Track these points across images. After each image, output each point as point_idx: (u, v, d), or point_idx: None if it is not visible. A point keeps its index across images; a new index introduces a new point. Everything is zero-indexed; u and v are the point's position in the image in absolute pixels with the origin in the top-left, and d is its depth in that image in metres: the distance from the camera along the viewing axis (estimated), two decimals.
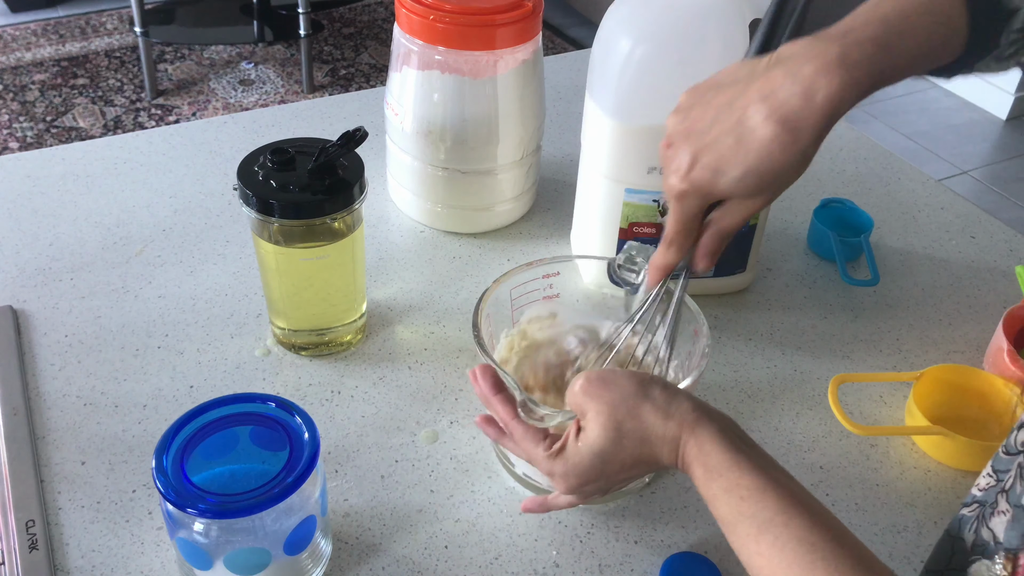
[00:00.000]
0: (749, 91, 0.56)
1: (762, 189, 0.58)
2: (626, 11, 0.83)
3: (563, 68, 1.36)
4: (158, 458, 0.60)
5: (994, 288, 1.01)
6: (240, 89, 2.89)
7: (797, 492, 0.53)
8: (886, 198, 1.14)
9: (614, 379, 0.60)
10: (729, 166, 0.57)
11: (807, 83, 0.53)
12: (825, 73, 0.53)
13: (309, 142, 0.79)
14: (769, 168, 0.56)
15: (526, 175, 1.03)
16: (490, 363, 0.66)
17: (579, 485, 0.61)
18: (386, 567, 0.69)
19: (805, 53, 0.55)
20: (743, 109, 0.56)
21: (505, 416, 0.64)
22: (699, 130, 0.58)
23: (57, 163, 1.08)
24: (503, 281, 0.76)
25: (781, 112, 0.54)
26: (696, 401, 0.59)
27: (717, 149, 0.57)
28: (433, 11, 0.90)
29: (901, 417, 0.84)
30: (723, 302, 0.96)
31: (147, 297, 0.91)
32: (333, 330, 0.85)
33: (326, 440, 0.78)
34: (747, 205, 0.60)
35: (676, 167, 0.59)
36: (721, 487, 0.54)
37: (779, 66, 0.55)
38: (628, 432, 0.58)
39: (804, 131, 0.54)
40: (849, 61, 0.53)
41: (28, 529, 0.68)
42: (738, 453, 0.55)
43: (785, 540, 0.50)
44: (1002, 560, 0.49)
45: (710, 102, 0.59)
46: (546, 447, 0.61)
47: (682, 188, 0.59)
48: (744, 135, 0.56)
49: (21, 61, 2.95)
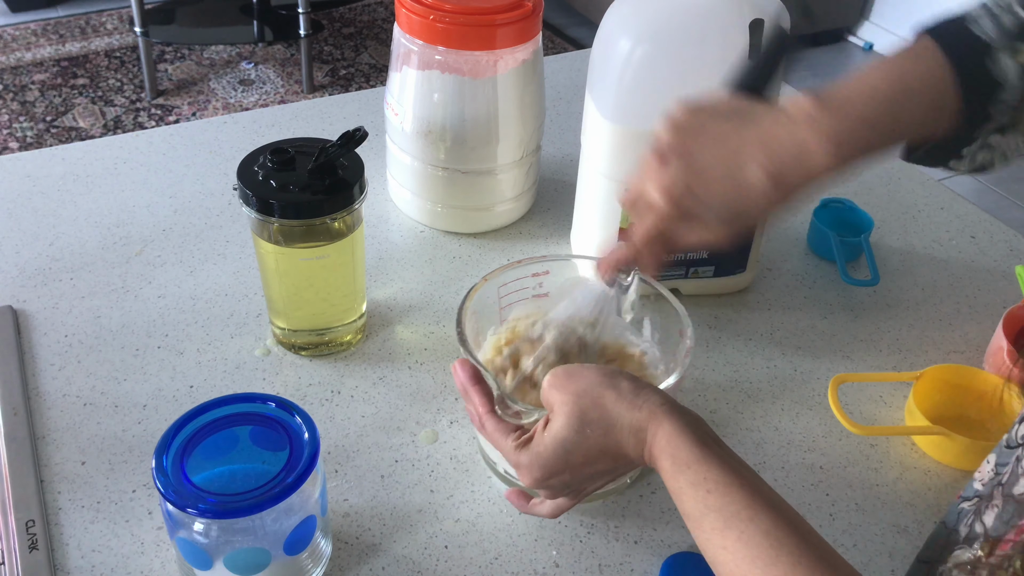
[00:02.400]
0: (748, 133, 0.59)
1: (730, 223, 0.61)
2: (626, 11, 0.83)
3: (563, 68, 1.36)
4: (158, 458, 0.60)
5: (994, 288, 1.01)
6: (240, 89, 2.89)
7: (763, 490, 0.53)
8: (886, 198, 1.14)
9: (580, 371, 0.61)
10: (715, 200, 0.60)
11: (802, 147, 0.57)
12: (818, 143, 0.56)
13: (309, 142, 0.79)
14: (746, 210, 0.60)
15: (526, 175, 1.03)
16: (468, 358, 0.66)
17: (543, 478, 0.60)
18: (386, 567, 0.69)
19: (805, 116, 0.57)
20: (740, 151, 0.58)
21: (480, 409, 0.64)
22: (693, 154, 0.60)
23: (57, 163, 1.08)
24: (491, 278, 0.76)
25: (774, 166, 0.57)
26: (665, 395, 0.59)
27: (709, 182, 0.59)
28: (433, 11, 0.90)
29: (901, 417, 0.84)
30: (723, 302, 0.96)
31: (147, 297, 0.91)
32: (333, 330, 0.85)
33: (326, 440, 0.78)
34: (710, 232, 0.62)
35: (666, 186, 0.60)
36: (688, 480, 0.54)
37: (782, 119, 0.58)
38: (592, 421, 0.58)
39: (788, 188, 0.58)
40: (842, 138, 0.56)
41: (28, 529, 0.68)
42: (706, 448, 0.55)
43: (751, 535, 0.50)
44: (980, 542, 0.50)
45: (708, 129, 0.60)
46: (514, 439, 0.62)
47: (664, 209, 0.61)
48: (737, 177, 0.58)
49: (21, 61, 2.95)
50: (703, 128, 0.60)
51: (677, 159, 0.60)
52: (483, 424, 0.64)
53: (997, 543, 0.48)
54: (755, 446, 0.81)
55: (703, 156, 0.59)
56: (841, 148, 0.56)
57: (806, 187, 0.58)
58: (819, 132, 0.56)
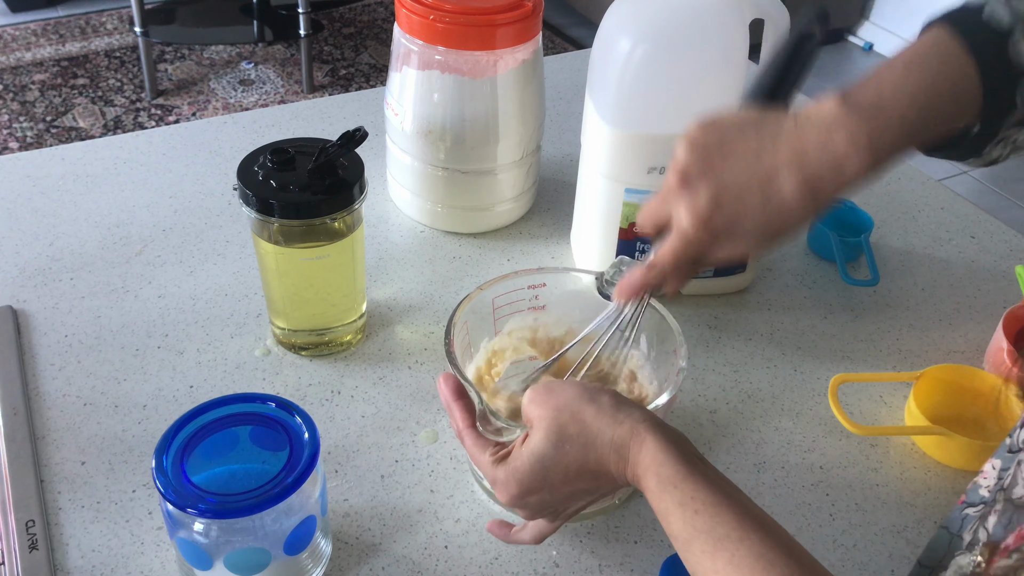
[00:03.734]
0: (779, 147, 0.56)
1: (764, 243, 0.58)
2: (626, 11, 0.83)
3: (563, 68, 1.36)
4: (158, 458, 0.60)
5: (994, 288, 1.01)
6: (240, 89, 2.89)
7: (752, 509, 0.52)
8: (886, 198, 1.14)
9: (560, 387, 0.59)
10: (749, 219, 0.57)
11: (839, 157, 0.54)
12: (856, 151, 0.54)
13: (309, 142, 0.79)
14: (782, 226, 0.57)
15: (526, 175, 1.03)
16: (453, 372, 0.65)
17: (520, 494, 0.59)
18: (386, 567, 0.69)
19: (836, 122, 0.55)
20: (773, 167, 0.55)
21: (461, 423, 0.63)
22: (721, 173, 0.57)
23: (57, 163, 1.08)
24: (485, 288, 0.74)
25: (812, 180, 0.55)
26: (647, 411, 0.57)
27: (742, 202, 0.56)
28: (433, 11, 0.90)
29: (901, 417, 0.84)
30: (723, 302, 0.96)
31: (147, 297, 0.91)
32: (333, 330, 0.85)
33: (326, 440, 0.78)
34: (738, 249, 0.59)
35: (695, 208, 0.57)
36: (675, 500, 0.52)
37: (810, 128, 0.55)
38: (570, 436, 0.56)
39: (825, 198, 0.56)
40: (874, 143, 0.54)
41: (28, 529, 0.68)
42: (691, 465, 0.53)
43: (742, 557, 0.49)
44: (980, 548, 0.49)
45: (733, 147, 0.57)
46: (491, 453, 0.61)
47: (698, 233, 0.58)
48: (772, 195, 0.55)
49: (21, 61, 2.95)
50: (727, 144, 0.57)
51: (703, 180, 0.57)
52: (463, 439, 0.63)
53: (996, 547, 0.48)
54: (755, 446, 0.81)
55: (732, 174, 0.56)
56: (875, 152, 0.54)
57: (840, 193, 0.56)
58: (852, 138, 0.54)
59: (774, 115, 0.58)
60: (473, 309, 0.74)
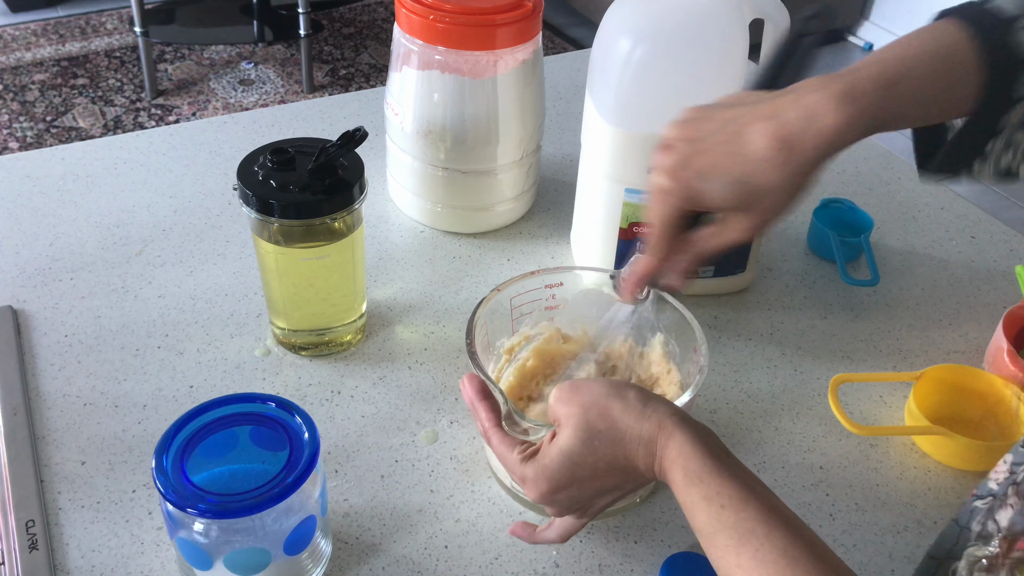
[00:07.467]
0: (754, 111, 0.57)
1: (744, 203, 0.58)
2: (626, 11, 0.83)
3: (563, 68, 1.36)
4: (158, 458, 0.60)
5: (994, 288, 1.01)
6: (240, 89, 2.89)
7: (778, 505, 0.52)
8: (886, 198, 1.14)
9: (587, 384, 0.60)
10: (717, 172, 0.57)
11: (811, 109, 0.55)
12: (829, 102, 0.54)
13: (309, 142, 0.79)
14: (756, 183, 0.56)
15: (526, 175, 1.03)
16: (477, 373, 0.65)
17: (550, 492, 0.59)
18: (386, 567, 0.69)
19: (812, 84, 0.56)
20: (745, 125, 0.57)
21: (487, 422, 0.63)
22: (697, 138, 0.59)
23: (57, 163, 1.08)
24: (503, 289, 0.75)
25: (781, 132, 0.55)
26: (674, 406, 0.58)
27: (710, 155, 0.58)
28: (433, 11, 0.90)
29: (901, 417, 0.84)
30: (723, 302, 0.96)
31: (147, 297, 0.91)
32: (333, 330, 0.85)
33: (326, 440, 0.78)
34: (731, 227, 0.60)
35: (665, 166, 0.59)
36: (701, 494, 0.53)
37: (787, 94, 0.57)
38: (599, 433, 0.57)
39: (799, 153, 0.55)
40: (854, 94, 0.54)
41: (28, 529, 0.68)
42: (718, 460, 0.54)
43: (766, 552, 0.49)
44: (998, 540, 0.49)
45: (713, 116, 0.59)
46: (519, 451, 0.61)
47: (666, 185, 0.59)
48: (740, 146, 0.56)
49: (21, 61, 2.95)
50: (709, 117, 0.59)
51: (678, 144, 0.59)
52: (489, 438, 0.63)
53: (1015, 541, 0.48)
54: (755, 446, 0.81)
55: (705, 132, 0.58)
56: (855, 104, 0.54)
57: (823, 151, 0.55)
58: (830, 92, 0.54)
59: (757, 92, 0.59)
60: (492, 309, 0.74)
